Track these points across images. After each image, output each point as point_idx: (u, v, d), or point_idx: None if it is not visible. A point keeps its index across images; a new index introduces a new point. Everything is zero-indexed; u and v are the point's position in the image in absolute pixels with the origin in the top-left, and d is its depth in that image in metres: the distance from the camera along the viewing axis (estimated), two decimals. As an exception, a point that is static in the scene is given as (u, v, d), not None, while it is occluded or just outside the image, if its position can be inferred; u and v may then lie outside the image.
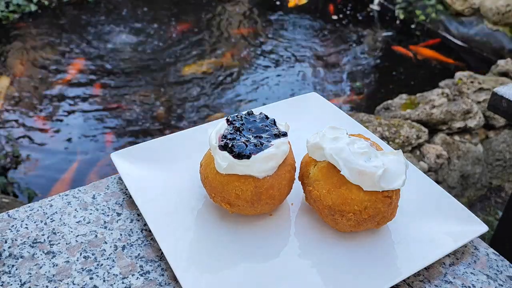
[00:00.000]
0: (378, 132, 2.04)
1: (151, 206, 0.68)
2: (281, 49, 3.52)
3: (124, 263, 0.62)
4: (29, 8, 3.77)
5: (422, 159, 2.07)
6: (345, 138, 0.64)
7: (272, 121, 0.68)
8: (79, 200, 0.71)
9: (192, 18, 3.88)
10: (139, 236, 0.66)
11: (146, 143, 0.79)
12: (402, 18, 3.90)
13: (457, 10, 3.61)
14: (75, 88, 2.98)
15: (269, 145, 0.63)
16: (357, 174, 0.59)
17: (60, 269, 0.61)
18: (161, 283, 0.60)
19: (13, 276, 0.59)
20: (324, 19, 3.98)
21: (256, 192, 0.62)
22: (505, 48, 3.37)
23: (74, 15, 3.83)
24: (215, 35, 3.68)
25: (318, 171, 0.65)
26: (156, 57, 3.33)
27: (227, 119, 0.68)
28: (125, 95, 2.92)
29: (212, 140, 0.64)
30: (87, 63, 3.23)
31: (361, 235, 0.66)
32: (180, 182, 0.73)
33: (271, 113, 0.74)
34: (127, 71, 3.15)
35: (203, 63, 3.29)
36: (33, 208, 0.70)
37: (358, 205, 0.60)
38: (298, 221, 0.68)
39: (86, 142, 2.55)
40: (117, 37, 3.55)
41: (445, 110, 2.19)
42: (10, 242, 0.64)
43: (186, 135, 0.82)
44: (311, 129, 0.75)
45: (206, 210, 0.69)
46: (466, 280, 0.62)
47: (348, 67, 3.37)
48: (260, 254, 0.63)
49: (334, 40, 3.69)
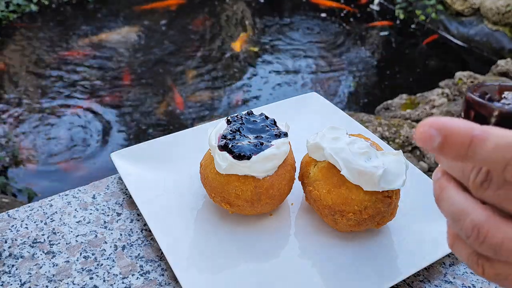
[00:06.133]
0: (378, 132, 2.04)
1: (151, 206, 0.68)
2: (281, 49, 3.52)
3: (124, 263, 0.62)
4: (29, 8, 3.77)
5: (422, 159, 2.07)
6: (345, 138, 0.64)
7: (272, 121, 0.68)
8: (79, 200, 0.71)
9: (193, 18, 3.88)
10: (139, 236, 0.66)
11: (146, 143, 0.79)
12: (402, 18, 3.90)
13: (457, 10, 3.61)
14: (75, 87, 2.98)
15: (270, 145, 0.63)
16: (357, 174, 0.59)
17: (60, 269, 0.61)
18: (161, 283, 0.60)
19: (13, 276, 0.59)
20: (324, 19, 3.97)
21: (256, 192, 0.62)
22: (505, 48, 3.37)
23: (74, 15, 3.83)
24: (216, 35, 3.68)
25: (318, 171, 0.65)
26: (156, 57, 3.33)
27: (227, 119, 0.68)
28: (125, 95, 2.92)
29: (211, 140, 0.64)
30: (87, 63, 3.23)
31: (361, 235, 0.66)
32: (180, 182, 0.73)
33: (271, 113, 0.74)
34: (127, 71, 3.15)
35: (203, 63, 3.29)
36: (33, 208, 0.70)
37: (358, 205, 0.60)
38: (298, 221, 0.68)
39: (86, 141, 2.55)
40: (117, 37, 3.55)
41: (445, 110, 2.19)
42: (10, 242, 0.64)
43: (186, 135, 0.82)
44: (311, 129, 0.75)
45: (206, 210, 0.69)
46: (466, 280, 0.62)
47: (348, 67, 3.37)
48: (260, 254, 0.63)
49: (334, 40, 3.68)
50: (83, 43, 3.45)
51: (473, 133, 0.27)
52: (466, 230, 0.29)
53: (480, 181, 0.29)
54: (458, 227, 0.30)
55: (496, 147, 0.27)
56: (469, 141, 0.27)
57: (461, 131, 0.27)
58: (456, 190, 0.31)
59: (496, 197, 0.28)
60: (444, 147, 0.28)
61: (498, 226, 0.28)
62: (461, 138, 0.27)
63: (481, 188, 0.29)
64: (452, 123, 0.28)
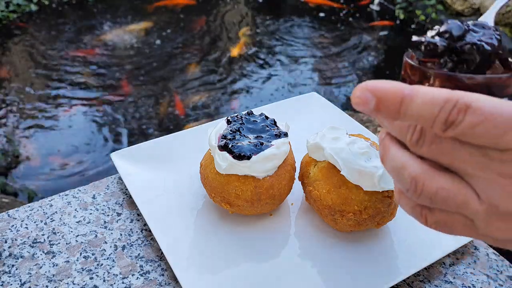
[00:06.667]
0: (378, 132, 2.04)
1: (151, 206, 0.68)
2: (281, 49, 3.52)
3: (124, 263, 0.62)
4: (29, 7, 3.77)
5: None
6: (345, 138, 0.64)
7: (272, 121, 0.68)
8: (79, 200, 0.71)
9: (193, 18, 3.88)
10: (139, 236, 0.66)
11: (146, 143, 0.79)
12: (402, 18, 3.90)
13: (457, 10, 3.61)
14: (75, 87, 2.98)
15: (270, 145, 0.63)
16: (357, 174, 0.59)
17: (60, 269, 0.61)
18: (161, 283, 0.60)
19: (13, 276, 0.59)
20: (324, 19, 3.97)
21: (256, 192, 0.62)
22: (505, 48, 3.37)
23: (74, 15, 3.83)
24: (216, 35, 3.68)
25: (318, 171, 0.65)
26: (157, 57, 3.33)
27: (227, 119, 0.68)
28: (125, 95, 2.92)
29: (211, 140, 0.64)
30: (87, 63, 3.23)
31: (361, 235, 0.66)
32: (180, 182, 0.73)
33: (271, 113, 0.74)
34: (127, 71, 3.15)
35: (203, 63, 3.29)
36: (33, 208, 0.70)
37: (358, 205, 0.60)
38: (298, 221, 0.68)
39: (86, 141, 2.55)
40: (117, 37, 3.55)
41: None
42: (10, 242, 0.64)
43: (186, 135, 0.82)
44: (311, 129, 0.75)
45: (206, 210, 0.69)
46: (466, 280, 0.62)
47: (348, 67, 3.37)
48: (260, 254, 0.63)
49: (334, 40, 3.68)
50: (83, 43, 3.45)
51: (403, 92, 0.29)
52: (405, 183, 0.31)
53: (416, 139, 0.31)
54: (400, 182, 0.32)
55: (423, 103, 0.28)
56: (400, 99, 0.29)
57: (392, 91, 0.29)
58: (397, 148, 0.33)
59: (431, 152, 0.30)
60: (379, 108, 0.30)
61: (432, 177, 0.30)
62: (392, 98, 0.29)
63: (417, 146, 0.31)
64: (385, 85, 0.30)
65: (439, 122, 0.28)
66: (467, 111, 0.27)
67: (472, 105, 0.27)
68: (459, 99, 0.28)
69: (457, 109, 0.27)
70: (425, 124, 0.29)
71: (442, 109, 0.28)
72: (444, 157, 0.30)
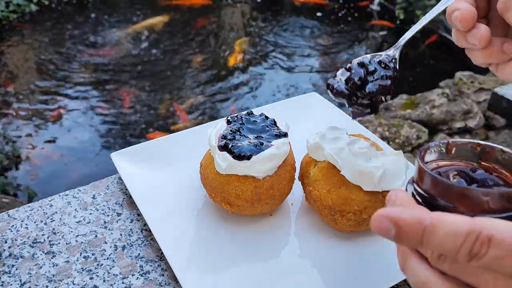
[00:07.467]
0: (378, 132, 2.04)
1: (151, 206, 0.68)
2: (281, 49, 3.52)
3: (124, 263, 0.62)
4: (29, 8, 3.77)
5: (422, 159, 2.07)
6: (345, 138, 0.64)
7: (272, 121, 0.68)
8: (79, 200, 0.71)
9: (193, 19, 3.88)
10: (139, 236, 0.66)
11: (146, 143, 0.79)
12: (402, 18, 3.90)
13: (457, 10, 3.60)
14: (76, 87, 2.98)
15: (270, 146, 0.63)
16: (357, 174, 0.59)
17: (60, 269, 0.61)
18: (161, 283, 0.60)
19: (13, 276, 0.59)
20: (324, 20, 3.98)
21: (256, 192, 0.62)
22: (505, 49, 3.36)
23: (74, 15, 3.83)
24: (216, 35, 3.68)
25: (318, 171, 0.65)
26: (157, 57, 3.33)
27: (227, 119, 0.68)
28: (125, 95, 2.92)
29: (211, 140, 0.64)
30: (88, 63, 3.23)
31: (361, 235, 0.66)
32: (180, 182, 0.73)
33: (271, 113, 0.74)
34: (127, 71, 3.15)
35: (203, 64, 3.29)
36: (33, 208, 0.70)
37: (358, 205, 0.60)
38: (298, 221, 0.68)
39: (86, 141, 2.55)
40: (117, 37, 3.55)
41: (445, 110, 2.19)
42: (10, 242, 0.64)
43: (186, 135, 0.82)
44: (311, 129, 0.75)
45: (206, 210, 0.69)
46: (466, 280, 0.62)
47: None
48: (260, 254, 0.63)
49: (334, 41, 3.68)
50: (83, 43, 3.45)
51: (424, 224, 0.30)
52: None
53: (437, 256, 0.32)
54: None
55: (446, 234, 0.29)
56: (421, 231, 0.30)
57: (413, 222, 0.30)
58: (418, 261, 0.34)
59: (453, 270, 0.32)
60: (400, 238, 0.31)
61: None
62: (414, 229, 0.30)
63: (438, 262, 0.32)
64: (404, 215, 0.30)
65: (463, 254, 0.29)
66: (490, 244, 0.28)
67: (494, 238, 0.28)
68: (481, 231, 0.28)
69: (480, 241, 0.28)
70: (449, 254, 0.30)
71: (465, 241, 0.29)
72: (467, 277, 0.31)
